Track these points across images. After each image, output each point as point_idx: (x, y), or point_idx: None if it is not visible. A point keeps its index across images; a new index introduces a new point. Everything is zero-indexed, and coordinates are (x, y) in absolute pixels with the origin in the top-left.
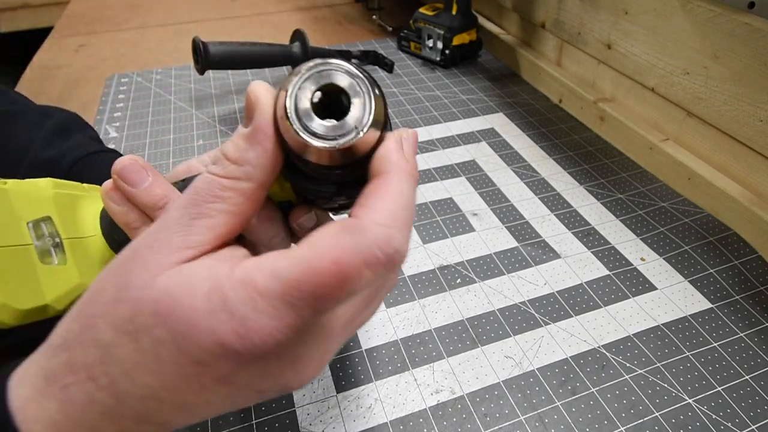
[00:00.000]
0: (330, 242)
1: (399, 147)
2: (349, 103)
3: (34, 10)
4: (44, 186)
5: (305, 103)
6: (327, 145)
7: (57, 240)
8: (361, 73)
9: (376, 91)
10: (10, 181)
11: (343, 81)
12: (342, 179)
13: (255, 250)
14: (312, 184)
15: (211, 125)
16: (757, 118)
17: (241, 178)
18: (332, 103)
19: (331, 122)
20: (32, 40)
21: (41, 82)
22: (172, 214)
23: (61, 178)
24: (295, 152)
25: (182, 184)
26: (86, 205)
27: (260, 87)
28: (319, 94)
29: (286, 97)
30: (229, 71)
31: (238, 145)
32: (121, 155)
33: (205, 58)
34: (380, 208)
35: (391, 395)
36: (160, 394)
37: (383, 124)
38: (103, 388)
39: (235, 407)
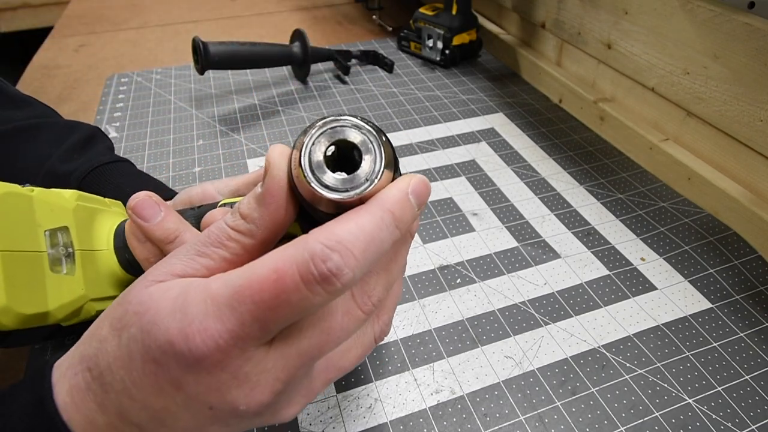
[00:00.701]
0: (275, 253)
1: (395, 186)
2: (361, 157)
3: (34, 10)
4: (68, 197)
5: (318, 157)
6: (339, 197)
7: (70, 250)
8: (370, 127)
9: (385, 144)
10: (37, 189)
11: (355, 137)
12: None
13: None
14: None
15: (211, 125)
16: (757, 118)
17: (245, 233)
18: (344, 157)
19: (342, 175)
20: (32, 40)
21: (41, 82)
22: (184, 246)
23: (74, 189)
24: (308, 202)
25: (197, 212)
26: (104, 219)
27: (276, 150)
28: (332, 148)
29: (300, 152)
30: (229, 71)
31: (249, 203)
32: (131, 163)
33: (205, 58)
34: (329, 229)
35: (391, 395)
36: (131, 391)
37: (392, 174)
38: (95, 378)
39: (200, 429)
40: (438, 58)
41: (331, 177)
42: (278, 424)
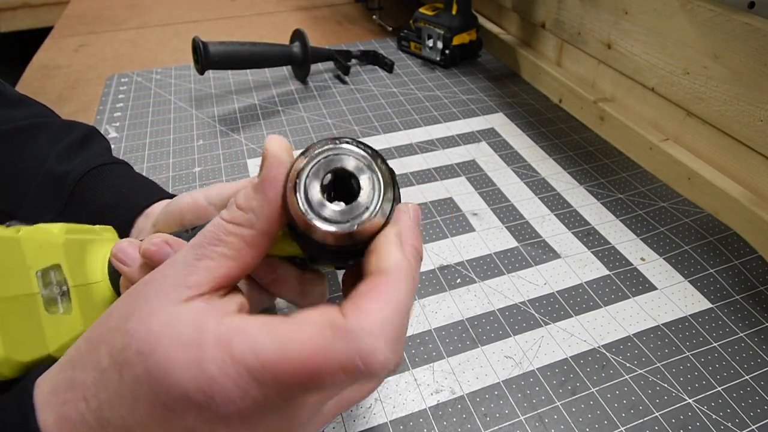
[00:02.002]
0: (313, 334)
1: (398, 240)
2: (359, 187)
3: (34, 10)
4: (56, 232)
5: (315, 191)
6: (335, 229)
7: (64, 288)
8: (368, 153)
9: (386, 173)
10: (23, 228)
11: (352, 165)
12: (344, 252)
13: (271, 299)
14: (315, 251)
15: (211, 125)
16: (757, 118)
17: (243, 224)
18: (342, 185)
19: (340, 206)
20: (32, 40)
21: (41, 82)
22: (180, 252)
23: (70, 190)
24: (300, 229)
25: (190, 234)
26: (96, 248)
27: (274, 141)
28: (329, 176)
29: (295, 183)
30: (229, 71)
31: (247, 192)
32: (129, 165)
33: (205, 58)
34: (372, 313)
35: (391, 395)
36: (134, 429)
37: (391, 206)
38: (92, 410)
39: None
40: (438, 58)
41: (329, 209)
42: None
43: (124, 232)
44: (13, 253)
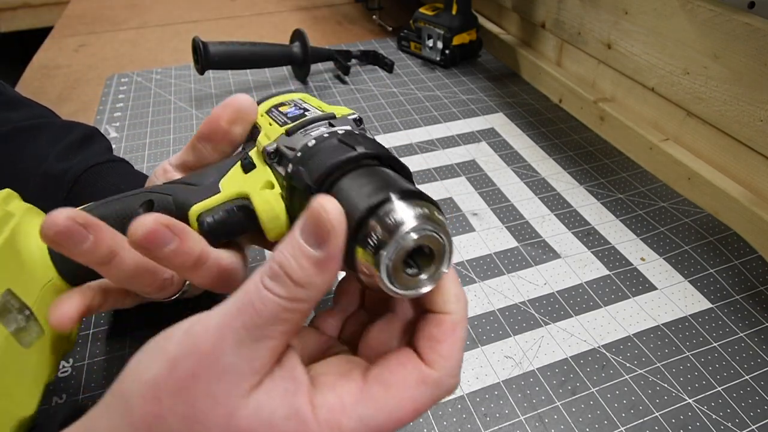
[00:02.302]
0: (413, 395)
1: (457, 277)
2: (432, 254)
3: (34, 10)
4: None
5: (398, 267)
6: (408, 293)
7: (26, 312)
8: (443, 224)
9: (450, 239)
10: None
11: (436, 243)
12: None
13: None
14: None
15: None
16: (757, 118)
17: (304, 300)
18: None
19: (421, 275)
20: (32, 40)
21: (41, 82)
22: (229, 336)
23: (69, 187)
24: (366, 285)
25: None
26: (26, 239)
27: (335, 209)
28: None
29: (379, 256)
30: (229, 71)
31: (305, 268)
32: (128, 164)
33: (205, 58)
34: (451, 358)
35: None
36: None
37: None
38: None
39: None
40: (438, 58)
41: (411, 278)
42: None
43: None
44: None
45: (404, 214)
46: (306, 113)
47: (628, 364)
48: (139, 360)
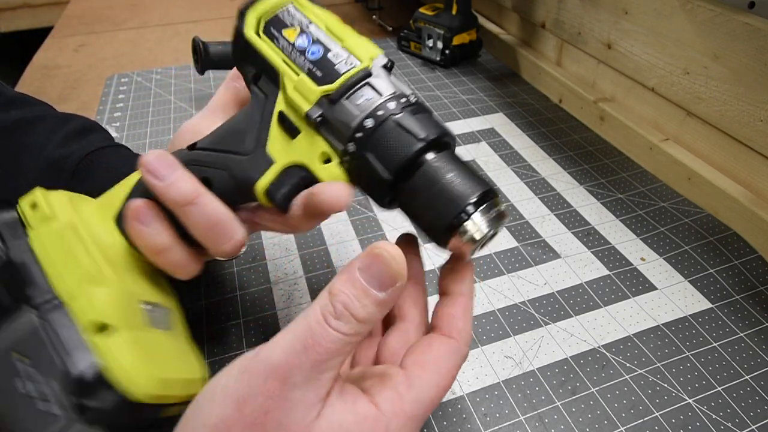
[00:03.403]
0: (445, 364)
1: (472, 272)
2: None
3: (34, 10)
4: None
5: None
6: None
7: (160, 308)
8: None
9: None
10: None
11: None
12: None
13: None
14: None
15: None
16: (757, 118)
17: (364, 333)
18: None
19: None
20: (32, 40)
21: (41, 82)
22: (297, 374)
23: (70, 174)
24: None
25: (186, 153)
26: (108, 235)
27: (401, 257)
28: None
29: (479, 239)
30: (229, 71)
31: (368, 307)
32: (129, 150)
33: (204, 58)
34: (468, 329)
35: None
36: None
37: None
38: None
39: None
40: (438, 58)
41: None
42: None
43: None
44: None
45: (485, 219)
46: (330, 53)
47: (628, 364)
48: (198, 406)
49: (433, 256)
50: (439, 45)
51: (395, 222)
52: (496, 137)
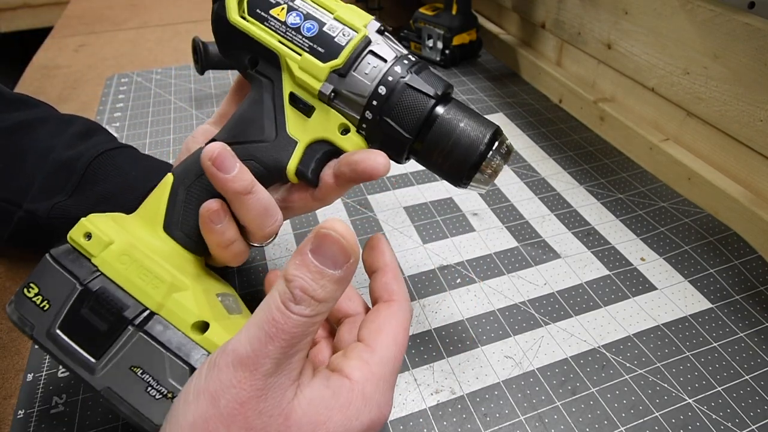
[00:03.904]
0: (397, 322)
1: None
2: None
3: (34, 10)
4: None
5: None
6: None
7: (228, 296)
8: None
9: None
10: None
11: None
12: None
13: None
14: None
15: None
16: (757, 118)
17: (326, 312)
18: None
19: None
20: (32, 40)
21: (41, 82)
22: (267, 362)
23: (81, 173)
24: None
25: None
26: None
27: (350, 233)
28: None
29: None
30: (229, 71)
31: (327, 287)
32: (135, 149)
33: (205, 58)
34: (405, 288)
35: None
36: None
37: None
38: None
39: None
40: (438, 58)
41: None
42: None
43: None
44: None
45: (498, 156)
46: (324, 29)
47: (628, 364)
48: (175, 409)
49: (433, 257)
50: (439, 45)
51: (395, 222)
52: None
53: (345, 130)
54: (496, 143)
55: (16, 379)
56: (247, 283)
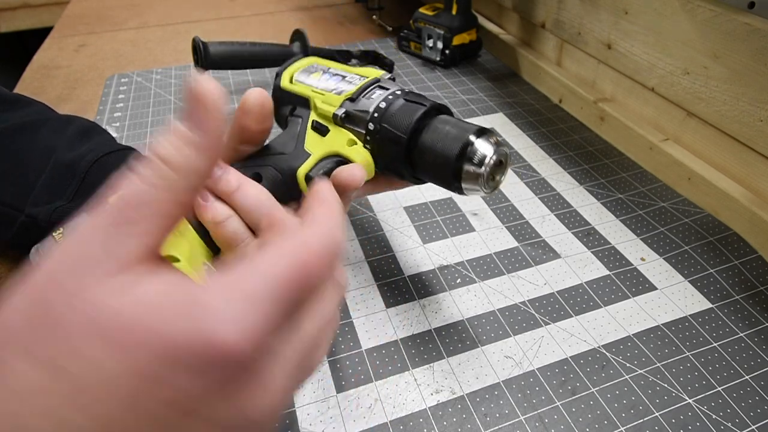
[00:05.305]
0: (310, 234)
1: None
2: (503, 164)
3: (34, 10)
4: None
5: (490, 172)
6: (492, 192)
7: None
8: (505, 146)
9: None
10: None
11: (506, 156)
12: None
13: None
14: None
15: None
16: (757, 118)
17: (179, 184)
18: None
19: (497, 177)
20: (32, 40)
21: (41, 82)
22: (97, 235)
23: (82, 176)
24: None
25: (243, 164)
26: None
27: (214, 87)
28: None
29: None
30: (229, 71)
31: (178, 147)
32: (137, 151)
33: (205, 58)
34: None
35: (391, 395)
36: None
37: None
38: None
39: None
40: (438, 58)
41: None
42: (278, 424)
43: None
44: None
45: (488, 144)
46: (346, 78)
47: (628, 364)
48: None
49: (433, 257)
50: (439, 45)
51: (395, 222)
52: None
53: (353, 145)
54: (484, 135)
55: None
56: None
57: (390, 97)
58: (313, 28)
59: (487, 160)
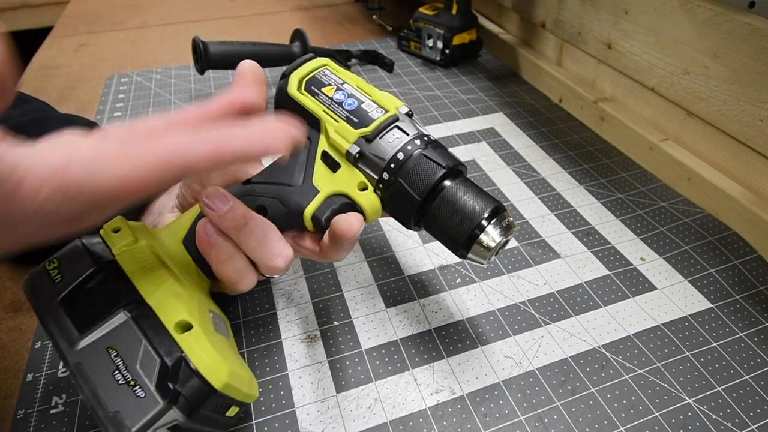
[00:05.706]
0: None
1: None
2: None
3: (34, 10)
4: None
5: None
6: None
7: (220, 318)
8: (513, 224)
9: None
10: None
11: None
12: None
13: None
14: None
15: None
16: (757, 118)
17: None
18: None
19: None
20: (32, 40)
21: (41, 82)
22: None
23: None
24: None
25: (242, 188)
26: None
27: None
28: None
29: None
30: (229, 71)
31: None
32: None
33: (205, 57)
34: None
35: (391, 395)
36: None
37: None
38: None
39: None
40: (438, 58)
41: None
42: (278, 424)
43: (138, 215)
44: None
45: (497, 230)
46: (363, 105)
47: (628, 364)
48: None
49: (433, 257)
50: (439, 45)
51: (395, 222)
52: (496, 137)
53: (363, 188)
54: (496, 218)
55: (16, 379)
56: (251, 309)
57: (409, 147)
58: (313, 28)
59: (494, 246)
